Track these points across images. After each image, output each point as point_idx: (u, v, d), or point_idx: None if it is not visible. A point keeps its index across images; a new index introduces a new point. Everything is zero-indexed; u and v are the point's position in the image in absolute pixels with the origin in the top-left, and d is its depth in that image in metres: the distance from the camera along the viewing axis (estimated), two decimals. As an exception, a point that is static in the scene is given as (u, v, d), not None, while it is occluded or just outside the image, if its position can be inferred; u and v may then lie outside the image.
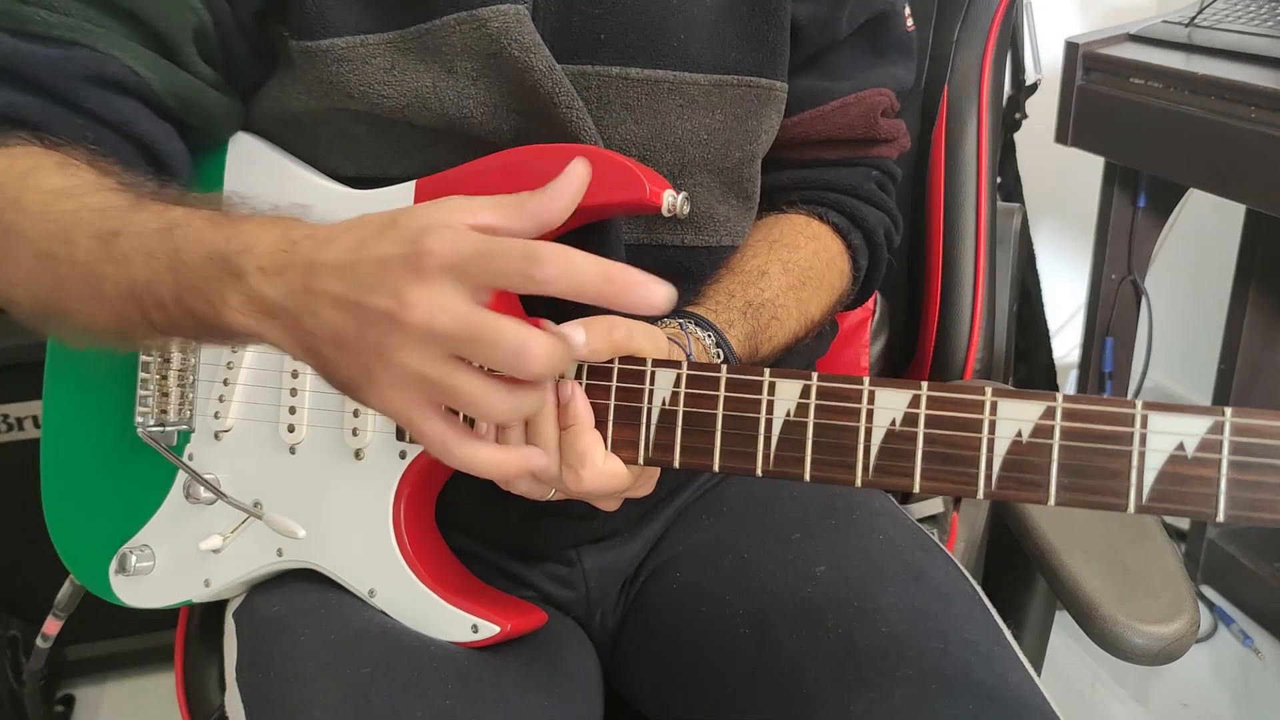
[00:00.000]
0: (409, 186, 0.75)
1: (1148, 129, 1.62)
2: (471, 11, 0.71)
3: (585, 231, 0.74)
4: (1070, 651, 1.72)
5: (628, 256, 0.76)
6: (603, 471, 0.64)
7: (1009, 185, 1.86)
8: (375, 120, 0.75)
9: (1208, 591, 1.96)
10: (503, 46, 0.71)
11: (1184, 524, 2.04)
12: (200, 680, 0.97)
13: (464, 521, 0.81)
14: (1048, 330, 1.85)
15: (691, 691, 0.78)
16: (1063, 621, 0.83)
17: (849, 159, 0.90)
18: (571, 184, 0.57)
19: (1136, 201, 1.84)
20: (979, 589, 0.79)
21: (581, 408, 0.64)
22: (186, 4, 0.72)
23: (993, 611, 0.77)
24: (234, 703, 0.73)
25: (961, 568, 0.80)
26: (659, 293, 0.54)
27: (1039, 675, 0.73)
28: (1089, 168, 1.85)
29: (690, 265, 0.81)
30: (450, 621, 0.74)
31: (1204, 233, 2.04)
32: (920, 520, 0.96)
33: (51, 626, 0.98)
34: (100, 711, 1.69)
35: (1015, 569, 0.91)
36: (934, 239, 1.07)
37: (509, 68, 0.72)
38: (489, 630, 0.74)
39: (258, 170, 0.81)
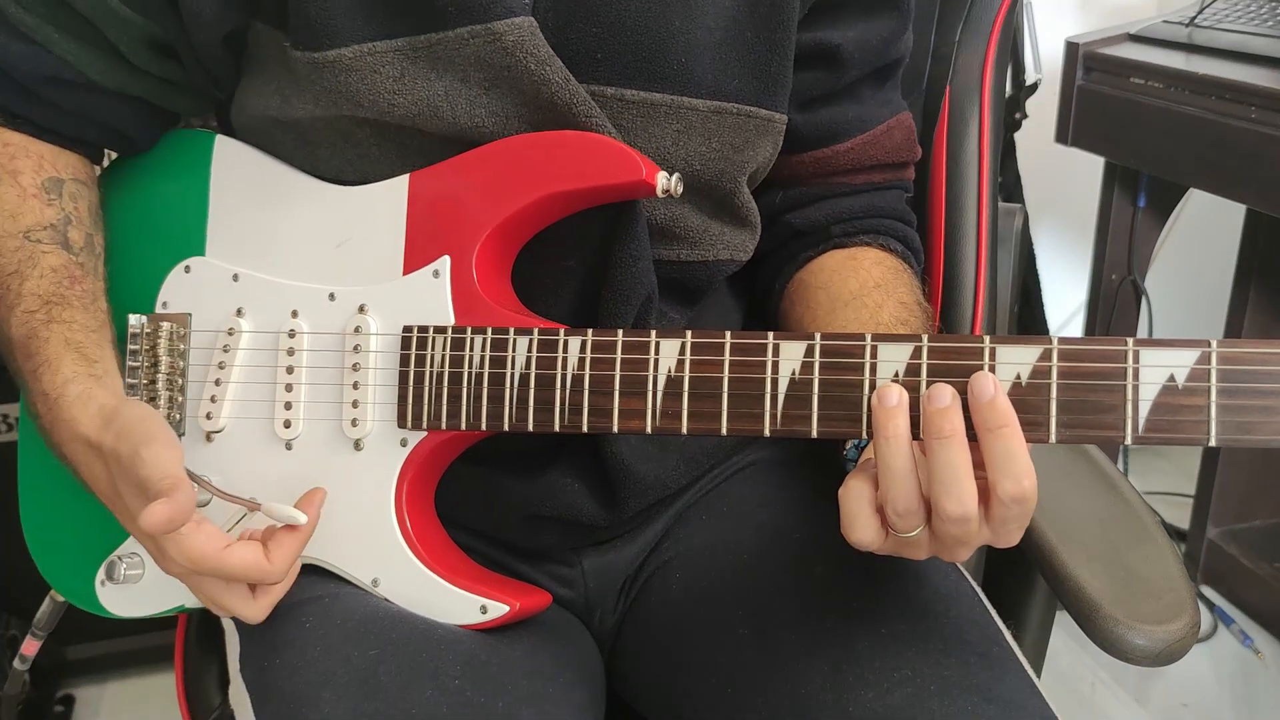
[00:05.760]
0: (403, 180, 0.75)
1: (1148, 129, 1.62)
2: (486, 25, 0.70)
3: (615, 226, 0.75)
4: (1070, 652, 1.72)
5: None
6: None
7: (1009, 185, 1.87)
8: (381, 127, 0.75)
9: (1208, 591, 1.96)
10: (517, 60, 0.71)
11: (1184, 524, 2.04)
12: (200, 680, 0.97)
13: (465, 519, 0.81)
14: (1048, 331, 1.85)
15: (691, 691, 0.78)
16: (1063, 622, 0.83)
17: (890, 182, 0.90)
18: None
19: (1136, 201, 1.85)
20: (979, 590, 0.79)
21: None
22: (126, 19, 0.75)
23: (992, 612, 0.77)
24: (239, 695, 0.73)
25: (961, 568, 0.80)
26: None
27: (1039, 676, 0.73)
28: (1089, 168, 1.85)
29: (687, 280, 0.81)
30: (458, 604, 0.74)
31: (1204, 233, 2.04)
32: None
33: (30, 647, 0.94)
34: (100, 711, 1.68)
35: (1015, 570, 0.91)
36: (935, 240, 1.06)
37: (523, 80, 0.71)
38: (498, 610, 0.74)
39: (245, 174, 0.81)
